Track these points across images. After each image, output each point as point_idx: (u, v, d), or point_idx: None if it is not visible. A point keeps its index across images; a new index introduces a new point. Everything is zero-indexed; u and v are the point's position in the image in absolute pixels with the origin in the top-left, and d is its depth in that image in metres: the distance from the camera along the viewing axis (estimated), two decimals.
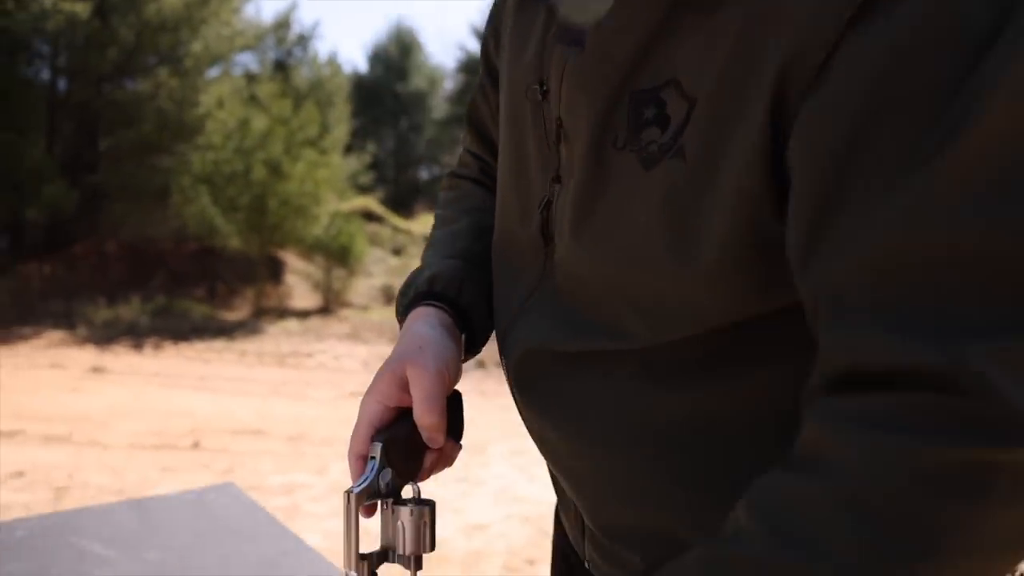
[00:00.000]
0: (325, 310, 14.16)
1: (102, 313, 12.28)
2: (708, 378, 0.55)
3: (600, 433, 0.60)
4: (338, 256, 14.66)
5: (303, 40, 22.38)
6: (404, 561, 0.61)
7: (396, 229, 18.93)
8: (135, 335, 11.07)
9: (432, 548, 0.61)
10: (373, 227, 17.98)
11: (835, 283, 0.43)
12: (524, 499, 3.72)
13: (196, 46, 15.46)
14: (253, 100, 15.26)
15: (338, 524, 0.64)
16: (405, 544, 0.60)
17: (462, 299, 0.71)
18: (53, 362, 8.56)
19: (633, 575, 0.64)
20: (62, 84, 16.08)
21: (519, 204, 0.66)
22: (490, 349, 0.74)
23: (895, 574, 0.40)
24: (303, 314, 13.81)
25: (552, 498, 0.79)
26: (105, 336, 10.88)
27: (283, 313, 13.80)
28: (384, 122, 28.99)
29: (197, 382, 7.54)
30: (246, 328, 12.18)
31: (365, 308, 14.52)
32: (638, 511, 0.61)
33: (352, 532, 0.58)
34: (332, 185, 15.13)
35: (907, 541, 0.39)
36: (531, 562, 3.05)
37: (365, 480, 0.60)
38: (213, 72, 16.78)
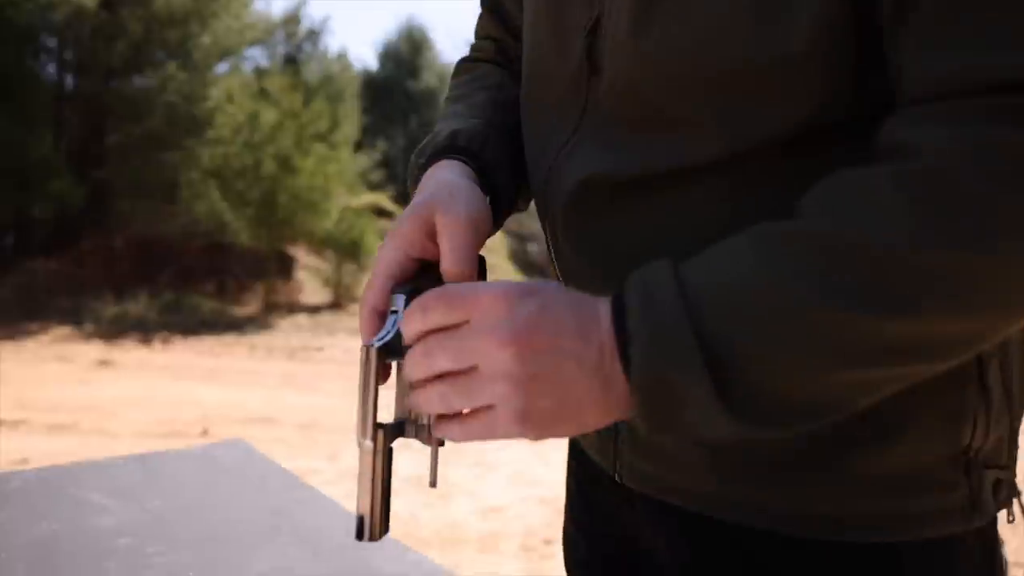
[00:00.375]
0: (335, 305, 14.09)
1: (110, 309, 12.24)
2: (785, 196, 0.47)
3: None
4: (348, 251, 14.60)
5: (313, 35, 22.37)
6: (423, 434, 0.51)
7: None
8: (143, 330, 11.02)
9: None
10: (384, 223, 17.92)
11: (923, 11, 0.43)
12: (540, 482, 3.62)
13: (205, 39, 15.41)
14: (263, 94, 15.22)
15: (351, 505, 0.54)
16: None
17: (486, 154, 0.62)
18: (59, 356, 8.50)
19: (687, 469, 0.57)
20: (69, 78, 16.08)
21: (556, 40, 0.60)
22: None
23: (950, 257, 0.41)
24: (313, 309, 13.74)
25: None
26: (113, 331, 10.83)
27: (293, 308, 13.74)
28: (395, 120, 28.98)
29: (206, 374, 7.47)
30: (256, 323, 12.12)
31: None
32: None
33: (370, 394, 0.48)
34: (342, 180, 15.08)
35: (968, 222, 0.40)
36: (548, 542, 2.96)
37: (386, 334, 0.50)
38: (223, 67, 16.76)
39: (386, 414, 0.50)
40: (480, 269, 0.57)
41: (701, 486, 0.57)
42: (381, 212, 18.43)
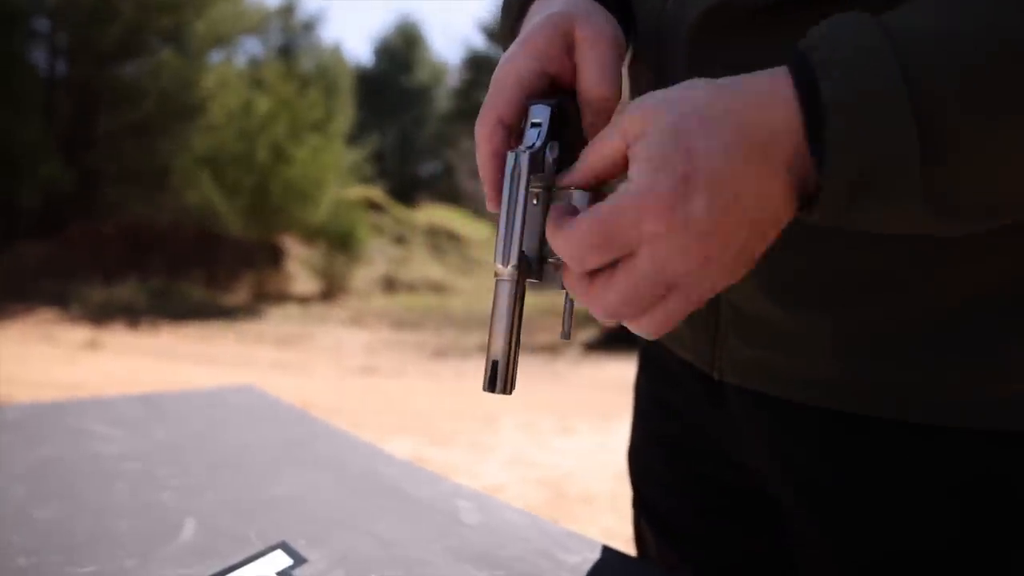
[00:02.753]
0: (325, 296, 14.00)
1: (97, 293, 12.10)
2: None
3: None
4: (340, 242, 14.52)
5: (308, 27, 22.23)
6: (556, 277, 0.41)
7: (398, 220, 18.78)
8: (131, 315, 10.89)
9: None
10: (375, 217, 17.83)
11: None
12: (538, 464, 3.57)
13: (200, 26, 15.28)
14: (257, 85, 15.11)
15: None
16: None
17: None
18: (46, 337, 8.38)
19: (805, 352, 0.50)
20: (62, 62, 15.89)
21: None
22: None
23: None
24: (303, 299, 13.63)
25: (567, 463, 0.65)
26: (100, 315, 10.69)
27: (283, 298, 13.64)
28: (387, 115, 28.89)
29: (195, 358, 7.37)
30: (246, 311, 12.01)
31: (366, 296, 14.36)
32: (845, 246, 0.46)
33: (517, 210, 0.40)
34: (336, 171, 15.00)
35: None
36: (553, 521, 2.90)
37: (533, 143, 0.41)
38: (217, 55, 16.63)
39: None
40: None
41: (820, 372, 0.50)
42: (373, 205, 18.35)
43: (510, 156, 0.41)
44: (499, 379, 0.41)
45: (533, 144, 0.42)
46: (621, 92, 0.45)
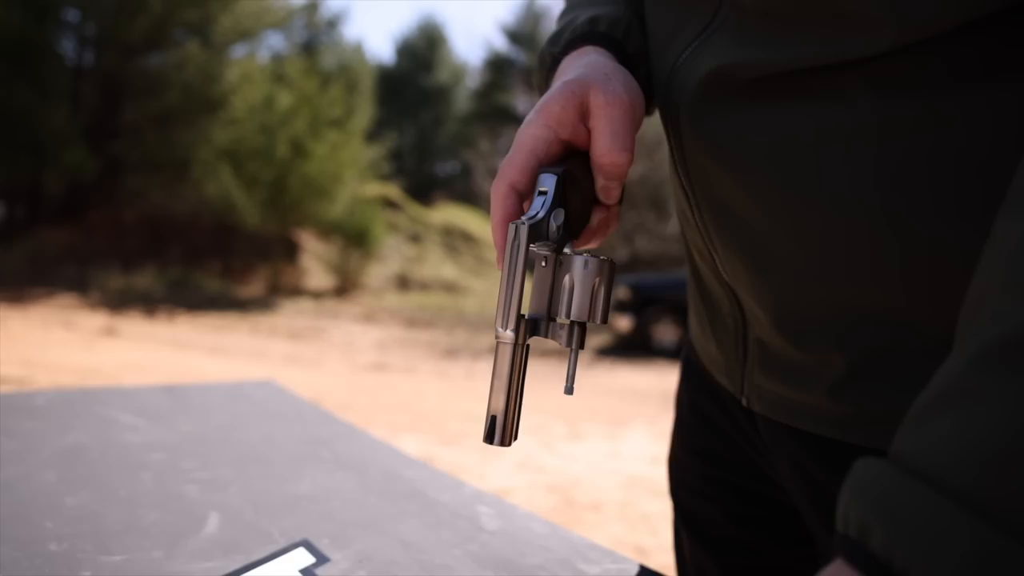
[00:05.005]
0: (339, 291, 14.05)
1: (116, 281, 12.21)
2: (952, 94, 0.41)
3: (808, 178, 0.46)
4: (355, 239, 14.57)
5: (331, 24, 22.34)
6: (562, 335, 0.45)
7: (414, 219, 18.82)
8: (148, 303, 10.98)
9: (606, 319, 0.45)
10: (391, 215, 17.89)
11: None
12: (547, 469, 3.56)
13: (225, 20, 15.41)
14: (279, 80, 15.20)
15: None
16: (577, 307, 0.44)
17: (629, 42, 0.56)
18: (65, 322, 8.46)
19: (821, 388, 0.51)
20: (89, 52, 16.06)
21: None
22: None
23: None
24: (317, 294, 13.70)
25: (576, 469, 0.66)
26: (118, 302, 10.80)
27: (297, 292, 13.71)
28: (406, 114, 28.99)
29: (210, 348, 7.42)
30: (260, 304, 12.08)
31: (379, 293, 14.41)
32: (850, 284, 0.47)
33: (516, 278, 0.42)
34: (354, 168, 15.05)
35: None
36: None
37: (535, 214, 0.44)
38: (240, 50, 16.75)
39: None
40: None
41: (833, 409, 0.51)
42: (389, 203, 18.40)
43: (511, 227, 0.44)
44: (497, 432, 0.45)
45: (536, 214, 0.44)
46: (633, 156, 0.47)
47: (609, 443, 4.29)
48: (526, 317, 0.45)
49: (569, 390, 0.46)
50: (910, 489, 0.29)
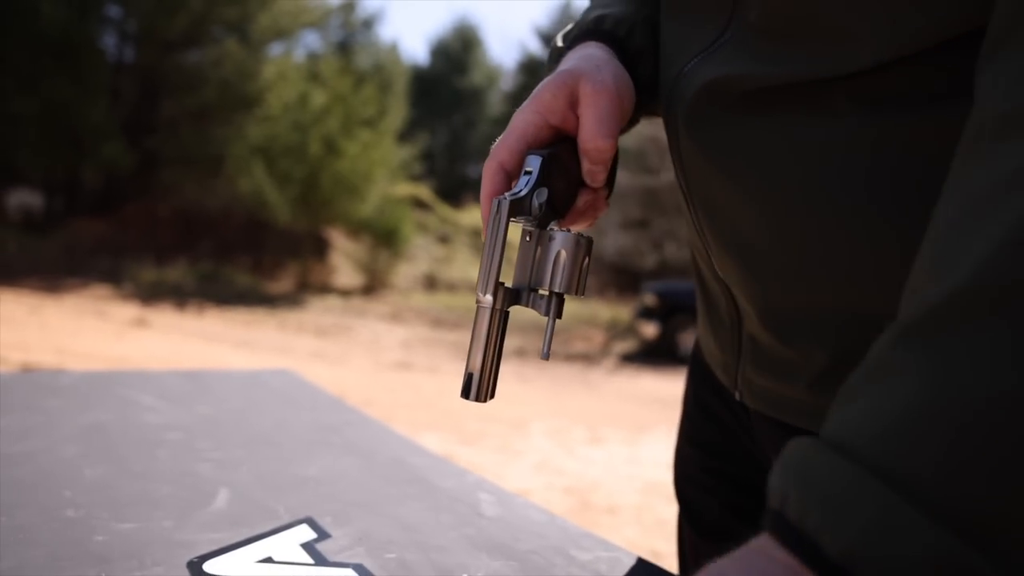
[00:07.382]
0: (367, 290, 14.17)
1: (148, 273, 12.45)
2: (926, 109, 0.44)
3: (792, 184, 0.49)
4: (384, 238, 14.69)
5: (367, 24, 22.57)
6: (541, 304, 0.49)
7: (443, 219, 18.93)
8: (179, 296, 11.18)
9: (582, 291, 0.49)
10: (420, 215, 18.00)
11: None
12: (565, 472, 3.57)
13: (263, 19, 15.64)
14: (314, 78, 15.38)
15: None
16: (556, 279, 0.48)
17: (631, 41, 0.59)
18: (98, 312, 8.65)
19: (804, 383, 0.54)
20: (129, 48, 16.41)
21: None
22: (524, 339, 0.61)
23: None
24: (345, 292, 13.83)
25: (595, 472, 0.68)
26: (150, 294, 11.01)
27: (326, 289, 13.85)
28: (439, 115, 29.14)
29: (237, 342, 7.54)
30: (288, 300, 12.23)
31: (407, 292, 14.51)
32: (830, 284, 0.50)
33: (496, 249, 0.46)
34: (385, 167, 15.17)
35: None
36: None
37: (519, 191, 0.48)
38: (277, 48, 16.99)
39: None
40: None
41: (815, 403, 0.54)
42: (419, 203, 18.53)
43: (494, 202, 0.47)
44: (473, 388, 0.48)
45: (519, 191, 0.48)
46: (616, 143, 0.51)
47: (629, 448, 4.29)
48: (508, 287, 0.48)
49: (545, 355, 0.49)
50: (827, 461, 0.30)
